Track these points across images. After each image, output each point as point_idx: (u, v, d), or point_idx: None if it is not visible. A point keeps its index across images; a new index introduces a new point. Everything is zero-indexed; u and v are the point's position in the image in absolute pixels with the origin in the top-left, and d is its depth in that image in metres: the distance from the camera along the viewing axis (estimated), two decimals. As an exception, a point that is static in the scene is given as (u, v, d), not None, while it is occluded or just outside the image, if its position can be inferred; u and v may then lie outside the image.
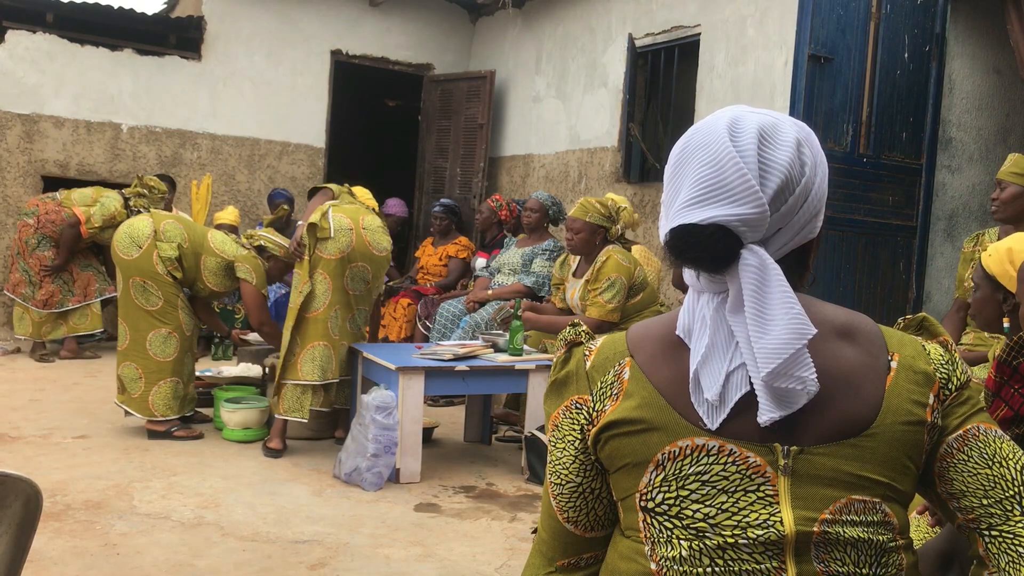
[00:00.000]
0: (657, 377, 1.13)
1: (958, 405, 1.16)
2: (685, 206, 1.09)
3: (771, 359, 1.04)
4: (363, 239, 4.37)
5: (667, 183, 1.15)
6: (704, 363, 1.09)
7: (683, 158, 1.13)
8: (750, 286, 1.07)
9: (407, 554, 3.19)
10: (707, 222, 1.07)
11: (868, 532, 1.08)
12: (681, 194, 1.10)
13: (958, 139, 5.55)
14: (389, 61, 8.49)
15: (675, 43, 6.33)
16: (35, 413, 4.90)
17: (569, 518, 1.20)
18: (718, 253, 1.07)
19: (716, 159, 1.09)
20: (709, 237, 1.07)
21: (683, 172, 1.12)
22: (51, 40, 7.13)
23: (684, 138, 1.16)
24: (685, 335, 1.13)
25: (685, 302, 1.16)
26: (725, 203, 1.07)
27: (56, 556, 2.99)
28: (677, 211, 1.10)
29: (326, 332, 4.35)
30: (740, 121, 1.12)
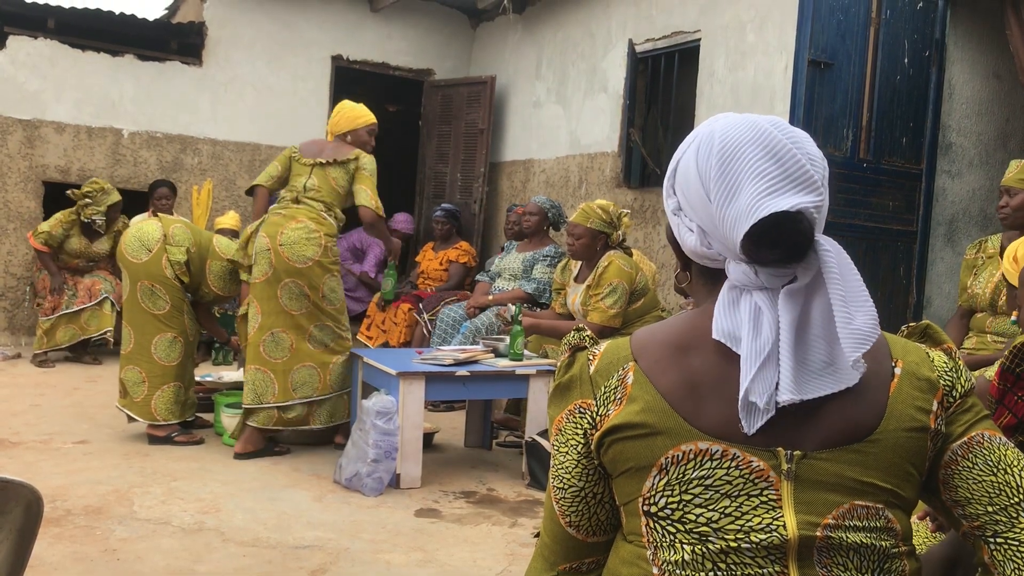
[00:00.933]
0: (661, 382, 1.12)
1: (962, 412, 1.16)
2: (762, 196, 1.06)
3: (861, 344, 1.05)
4: (281, 256, 4.30)
5: (711, 183, 1.11)
6: (764, 366, 1.06)
7: (729, 154, 1.10)
8: (834, 271, 1.06)
9: (408, 559, 3.19)
10: (795, 209, 1.06)
11: (871, 538, 1.08)
12: (745, 188, 1.08)
13: (958, 144, 5.55)
14: (390, 67, 8.51)
15: (675, 48, 6.34)
16: (35, 418, 4.90)
17: (571, 522, 1.20)
18: (807, 241, 1.07)
19: (774, 151, 1.09)
20: (799, 224, 1.06)
21: (736, 167, 1.09)
22: (52, 46, 7.15)
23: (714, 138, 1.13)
24: (728, 339, 1.10)
25: (720, 305, 1.12)
26: (799, 191, 1.08)
27: (56, 562, 2.98)
28: (755, 203, 1.06)
29: (258, 356, 4.35)
30: (775, 119, 1.13)
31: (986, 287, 3.87)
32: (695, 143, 1.16)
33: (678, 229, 1.20)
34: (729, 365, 1.10)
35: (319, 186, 4.48)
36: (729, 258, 1.13)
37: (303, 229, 4.34)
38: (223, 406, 4.65)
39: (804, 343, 1.08)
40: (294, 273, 4.31)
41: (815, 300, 1.09)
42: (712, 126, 1.16)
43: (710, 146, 1.13)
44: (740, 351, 1.08)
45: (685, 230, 1.18)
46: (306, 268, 4.32)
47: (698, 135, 1.17)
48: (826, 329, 1.08)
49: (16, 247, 7.07)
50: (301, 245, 4.31)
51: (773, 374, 1.06)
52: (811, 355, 1.08)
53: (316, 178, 4.49)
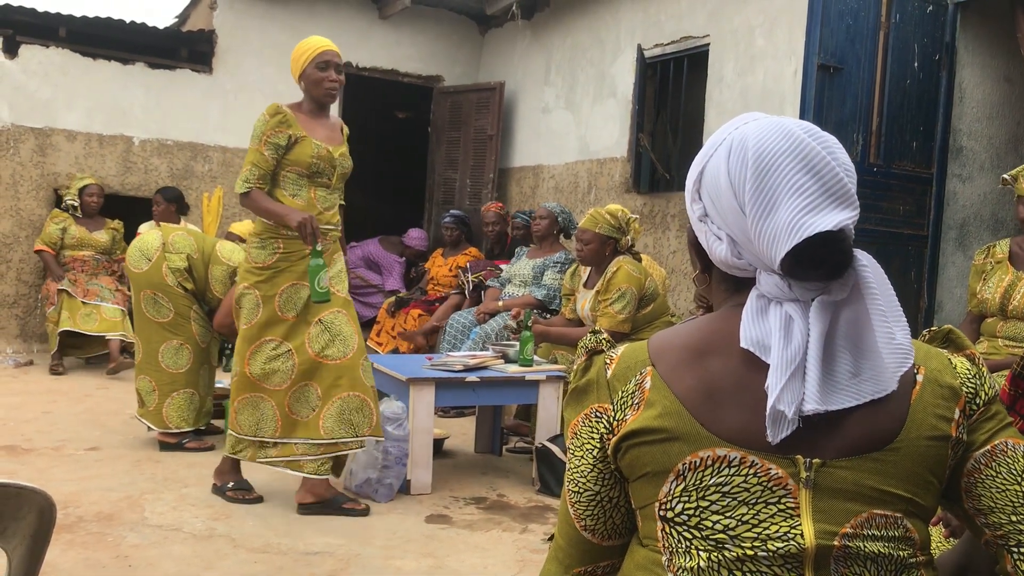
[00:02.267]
0: (679, 387, 1.11)
1: (985, 420, 1.14)
2: (802, 214, 1.05)
3: (904, 360, 1.06)
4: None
5: (750, 195, 1.09)
6: (794, 376, 1.05)
7: (767, 167, 1.08)
8: (873, 289, 1.07)
9: (418, 566, 3.18)
10: (838, 227, 1.06)
11: (889, 547, 1.07)
12: (784, 203, 1.07)
13: (969, 148, 5.53)
14: (399, 73, 8.53)
15: (684, 53, 6.34)
16: (47, 425, 4.92)
17: (587, 526, 1.20)
18: (849, 259, 1.07)
19: (812, 164, 1.08)
20: (842, 242, 1.06)
21: (774, 180, 1.08)
22: (64, 54, 7.19)
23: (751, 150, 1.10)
24: (757, 348, 1.08)
25: (747, 313, 1.10)
26: (839, 207, 1.07)
27: (69, 568, 2.99)
28: (796, 220, 1.05)
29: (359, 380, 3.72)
30: (807, 125, 1.12)
31: (996, 292, 3.85)
32: (724, 148, 1.14)
33: (705, 237, 1.17)
34: (748, 371, 1.09)
35: None
36: (760, 269, 1.11)
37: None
38: (234, 412, 4.65)
39: (831, 354, 1.07)
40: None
41: (843, 312, 1.09)
42: (744, 131, 1.13)
43: (743, 155, 1.11)
44: (770, 360, 1.07)
45: (713, 238, 1.16)
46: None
47: (728, 139, 1.14)
48: (852, 341, 1.08)
49: (28, 254, 7.11)
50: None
51: (801, 384, 1.05)
52: (837, 366, 1.07)
53: None
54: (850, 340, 1.08)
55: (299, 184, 3.68)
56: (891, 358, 1.06)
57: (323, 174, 3.79)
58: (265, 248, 3.62)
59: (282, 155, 3.64)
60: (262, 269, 3.62)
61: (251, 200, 3.57)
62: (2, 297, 7.11)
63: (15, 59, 7.04)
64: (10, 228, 7.10)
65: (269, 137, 3.62)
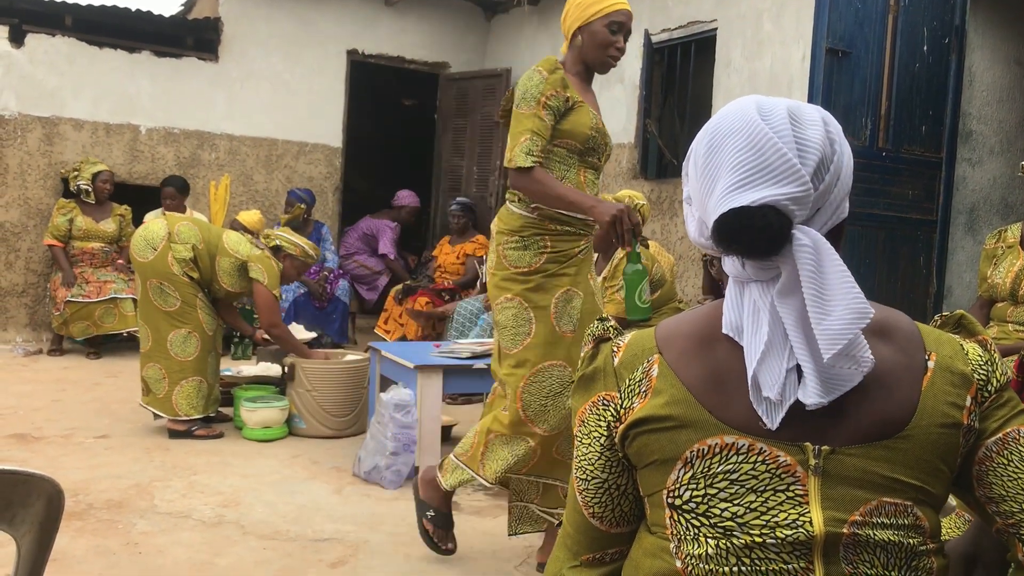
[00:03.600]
0: (686, 374, 1.11)
1: (998, 407, 1.13)
2: (730, 191, 1.06)
3: (835, 341, 1.01)
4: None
5: (698, 174, 1.12)
6: (764, 359, 1.05)
7: (714, 145, 1.10)
8: (807, 266, 1.03)
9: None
10: (758, 203, 1.04)
11: (899, 535, 1.07)
12: (721, 181, 1.08)
13: (979, 132, 5.50)
14: (405, 60, 8.51)
15: (691, 38, 6.31)
16: (57, 413, 4.94)
17: (595, 513, 1.20)
18: (773, 234, 1.04)
19: (754, 141, 1.07)
20: (762, 218, 1.04)
21: (718, 159, 1.09)
22: (70, 43, 7.18)
23: (709, 128, 1.13)
24: (734, 332, 1.10)
25: (728, 297, 1.12)
26: (772, 183, 1.05)
27: (79, 555, 3.01)
28: (723, 197, 1.06)
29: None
30: (766, 104, 1.11)
31: (1006, 276, 3.84)
32: (706, 130, 1.16)
33: (686, 217, 1.20)
34: None
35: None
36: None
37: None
38: (243, 400, 4.68)
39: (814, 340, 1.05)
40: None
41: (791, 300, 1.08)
42: (722, 112, 1.15)
43: (702, 136, 1.14)
44: (744, 344, 1.07)
45: (690, 218, 1.18)
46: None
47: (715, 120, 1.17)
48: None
49: (36, 243, 7.13)
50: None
51: (780, 364, 1.05)
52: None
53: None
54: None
55: (568, 163, 2.92)
56: (821, 342, 1.03)
57: (596, 151, 3.02)
58: (529, 248, 2.86)
59: (554, 124, 2.85)
60: (528, 275, 2.85)
61: (533, 180, 2.77)
62: (11, 286, 7.14)
63: (21, 48, 7.04)
64: (18, 217, 7.11)
65: (549, 99, 2.80)
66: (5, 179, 7.06)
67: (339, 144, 8.28)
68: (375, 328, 6.99)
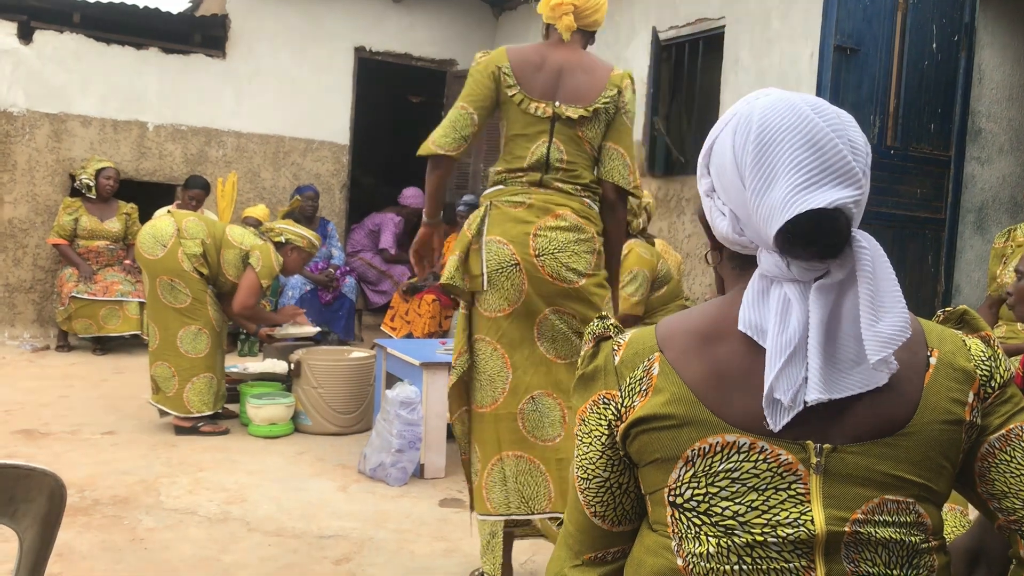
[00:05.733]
0: (687, 372, 1.10)
1: (1000, 404, 1.12)
2: (797, 191, 1.03)
3: (884, 346, 1.01)
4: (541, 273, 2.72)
5: (746, 171, 1.08)
6: (789, 362, 1.04)
7: (767, 141, 1.07)
8: (867, 270, 1.03)
9: (432, 549, 3.19)
10: (833, 205, 1.02)
11: (900, 533, 1.06)
12: (781, 180, 1.05)
13: (988, 130, 5.47)
14: (412, 57, 8.51)
15: (699, 36, 6.29)
16: (64, 409, 4.95)
17: (596, 512, 1.19)
18: (844, 238, 1.03)
19: (814, 140, 1.05)
20: (836, 221, 1.03)
21: (772, 156, 1.06)
22: (78, 40, 7.20)
23: (754, 122, 1.09)
24: (753, 331, 1.07)
25: (748, 295, 1.09)
26: (837, 185, 1.04)
27: (85, 551, 3.01)
28: (790, 198, 1.03)
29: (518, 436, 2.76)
30: (812, 100, 1.09)
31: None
32: (732, 123, 1.12)
33: (710, 212, 1.17)
34: (756, 356, 1.08)
35: (570, 156, 2.76)
36: (761, 247, 1.10)
37: (571, 229, 2.71)
38: (249, 397, 4.68)
39: (834, 340, 1.05)
40: (558, 297, 2.70)
41: (847, 296, 1.06)
42: (752, 106, 1.11)
43: (747, 129, 1.09)
44: (766, 345, 1.05)
45: (717, 213, 1.15)
46: (578, 289, 2.71)
47: (737, 114, 1.13)
48: (857, 326, 1.05)
49: (44, 240, 7.14)
50: (566, 254, 2.69)
51: (799, 371, 1.04)
52: (840, 353, 1.05)
53: (563, 143, 2.75)
54: (854, 326, 1.05)
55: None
56: (869, 344, 1.02)
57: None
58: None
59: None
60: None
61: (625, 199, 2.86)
62: (19, 282, 7.16)
63: (30, 45, 7.06)
64: (26, 214, 7.13)
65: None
66: (13, 175, 7.08)
67: (346, 141, 8.28)
68: (381, 325, 6.99)
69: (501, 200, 2.72)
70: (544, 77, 2.74)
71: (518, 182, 2.73)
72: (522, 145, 2.73)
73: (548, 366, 2.71)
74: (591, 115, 2.72)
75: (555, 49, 2.78)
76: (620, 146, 2.76)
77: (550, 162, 2.71)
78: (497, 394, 2.70)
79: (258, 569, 2.95)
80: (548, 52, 2.78)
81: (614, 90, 2.76)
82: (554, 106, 2.71)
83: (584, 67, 2.76)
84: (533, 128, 2.72)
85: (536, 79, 2.73)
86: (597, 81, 2.75)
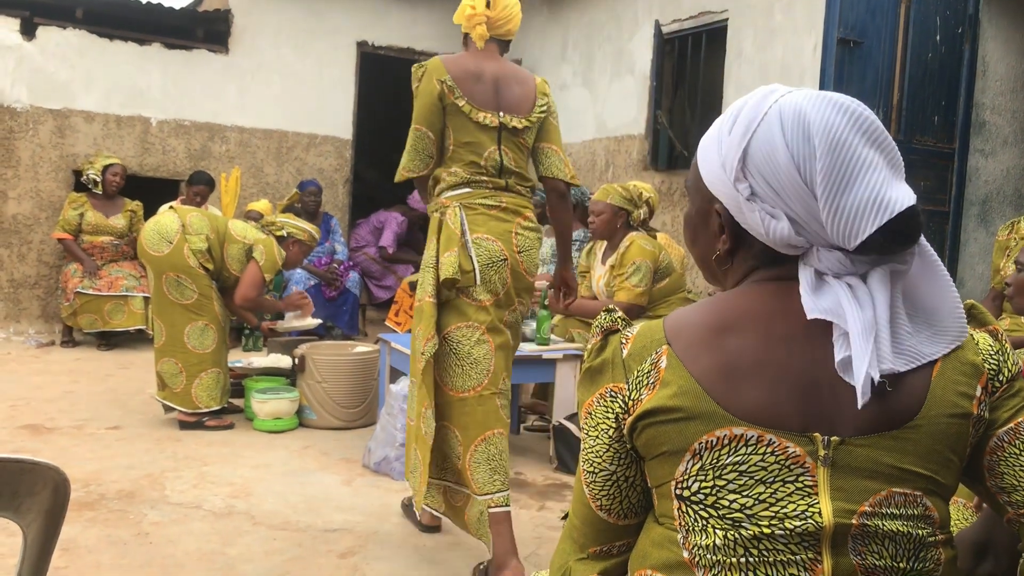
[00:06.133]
0: (695, 366, 1.10)
1: (1009, 397, 1.13)
2: (881, 189, 1.06)
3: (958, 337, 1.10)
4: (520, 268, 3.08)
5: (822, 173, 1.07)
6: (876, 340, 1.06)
7: (836, 143, 1.07)
8: (936, 258, 1.11)
9: (437, 543, 3.20)
10: (912, 201, 1.07)
11: (908, 526, 1.06)
12: (860, 180, 1.06)
13: (992, 122, 5.46)
14: (415, 52, 8.49)
15: (702, 29, 6.28)
16: (69, 404, 4.97)
17: (602, 506, 1.19)
18: (922, 228, 1.09)
19: (875, 138, 1.08)
20: (918, 214, 1.07)
21: (844, 158, 1.06)
22: (81, 35, 7.20)
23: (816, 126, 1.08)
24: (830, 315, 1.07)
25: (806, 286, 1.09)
26: (900, 177, 1.09)
27: (91, 545, 3.02)
28: (878, 195, 1.05)
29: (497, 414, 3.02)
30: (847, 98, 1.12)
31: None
32: (772, 124, 1.10)
33: (755, 216, 1.12)
34: (768, 347, 1.08)
35: (517, 161, 3.05)
36: (818, 245, 1.10)
37: (535, 229, 3.08)
38: (253, 391, 4.69)
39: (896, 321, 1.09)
40: (522, 290, 3.08)
41: (898, 284, 1.10)
42: (790, 107, 1.10)
43: (803, 130, 1.08)
44: (848, 327, 1.05)
45: (765, 217, 1.12)
46: (532, 284, 3.14)
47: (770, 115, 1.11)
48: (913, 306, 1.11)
49: (48, 236, 7.15)
50: (536, 251, 3.08)
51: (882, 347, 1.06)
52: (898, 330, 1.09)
53: (510, 150, 3.03)
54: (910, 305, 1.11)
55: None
56: (960, 322, 1.10)
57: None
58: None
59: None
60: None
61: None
62: (23, 278, 7.17)
63: (33, 41, 7.06)
64: (30, 210, 7.14)
65: None
66: (17, 171, 7.09)
67: (349, 136, 8.28)
68: (386, 320, 6.99)
69: (475, 202, 2.96)
70: (484, 88, 2.97)
71: (485, 186, 2.97)
72: (474, 151, 2.96)
73: (508, 350, 3.03)
74: (533, 124, 3.02)
75: (486, 60, 3.03)
76: (555, 145, 3.09)
77: (504, 167, 2.99)
78: (482, 376, 2.92)
79: (263, 563, 2.96)
80: (481, 63, 3.01)
81: (544, 98, 3.07)
82: (499, 116, 2.97)
83: (517, 79, 3.04)
84: (482, 136, 2.96)
85: (477, 89, 2.96)
86: (530, 91, 3.05)
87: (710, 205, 1.19)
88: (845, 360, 1.05)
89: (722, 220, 1.17)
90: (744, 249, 1.17)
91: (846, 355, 1.05)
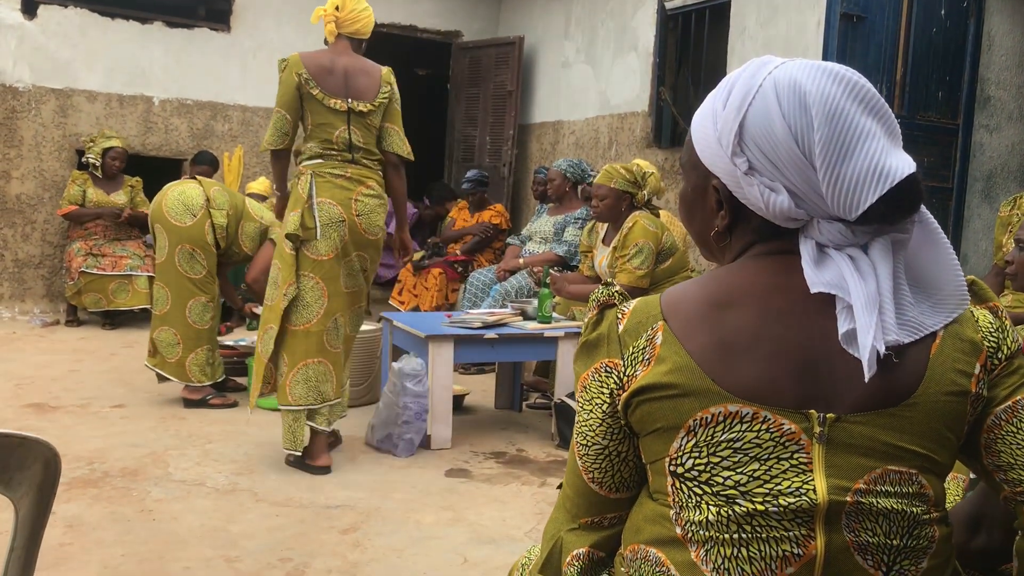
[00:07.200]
0: (691, 342, 1.09)
1: (1007, 375, 1.12)
2: (882, 156, 1.05)
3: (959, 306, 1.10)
4: (358, 228, 3.65)
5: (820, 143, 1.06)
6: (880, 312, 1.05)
7: (833, 112, 1.06)
8: (931, 228, 1.10)
9: (438, 519, 3.22)
10: (913, 169, 1.06)
11: (902, 503, 1.06)
12: (860, 149, 1.05)
13: (997, 98, 5.42)
14: (417, 29, 8.45)
15: (706, 5, 6.23)
16: (74, 383, 4.99)
17: (594, 479, 1.19)
18: (923, 195, 1.08)
19: (872, 106, 1.07)
20: (919, 181, 1.07)
21: (843, 127, 1.06)
22: (82, 14, 7.18)
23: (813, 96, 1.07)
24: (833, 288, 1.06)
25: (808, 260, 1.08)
26: (898, 145, 1.08)
27: (95, 522, 3.05)
28: (879, 163, 1.04)
29: (320, 346, 3.63)
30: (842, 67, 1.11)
31: (1023, 244, 3.79)
32: (767, 96, 1.10)
33: (754, 190, 1.11)
34: (765, 322, 1.07)
35: (365, 139, 3.70)
36: (818, 217, 1.09)
37: (376, 196, 3.71)
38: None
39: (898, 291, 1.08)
40: (363, 246, 3.71)
41: (900, 254, 1.09)
42: (784, 77, 1.10)
43: (799, 101, 1.07)
44: (851, 299, 1.04)
45: (765, 191, 1.10)
46: (375, 240, 3.75)
47: (765, 87, 1.11)
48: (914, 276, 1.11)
49: (52, 215, 7.17)
50: (376, 214, 3.69)
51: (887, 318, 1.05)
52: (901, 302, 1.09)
53: (359, 130, 3.69)
54: (911, 275, 1.10)
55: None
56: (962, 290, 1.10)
57: None
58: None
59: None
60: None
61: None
62: (28, 258, 7.19)
63: (34, 20, 7.04)
64: (34, 189, 7.15)
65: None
66: (20, 151, 7.09)
67: (352, 114, 8.24)
68: (390, 299, 7.01)
69: (324, 172, 3.62)
70: (335, 79, 3.63)
71: (335, 159, 3.64)
72: (327, 131, 3.63)
73: (343, 296, 3.68)
74: (376, 108, 3.67)
75: (339, 55, 3.69)
76: (396, 125, 3.76)
77: (352, 144, 3.64)
78: (311, 316, 3.61)
79: (265, 539, 2.98)
80: (334, 57, 3.67)
81: (387, 87, 3.73)
82: (347, 102, 3.62)
83: (364, 71, 3.70)
84: (333, 118, 3.62)
85: (329, 80, 3.62)
86: (375, 81, 3.71)
87: (707, 181, 1.17)
88: (849, 332, 1.04)
89: (720, 196, 1.16)
90: (742, 224, 1.16)
91: (850, 327, 1.04)
